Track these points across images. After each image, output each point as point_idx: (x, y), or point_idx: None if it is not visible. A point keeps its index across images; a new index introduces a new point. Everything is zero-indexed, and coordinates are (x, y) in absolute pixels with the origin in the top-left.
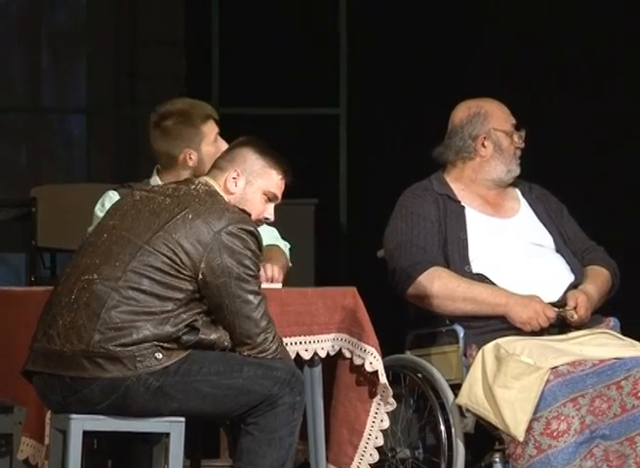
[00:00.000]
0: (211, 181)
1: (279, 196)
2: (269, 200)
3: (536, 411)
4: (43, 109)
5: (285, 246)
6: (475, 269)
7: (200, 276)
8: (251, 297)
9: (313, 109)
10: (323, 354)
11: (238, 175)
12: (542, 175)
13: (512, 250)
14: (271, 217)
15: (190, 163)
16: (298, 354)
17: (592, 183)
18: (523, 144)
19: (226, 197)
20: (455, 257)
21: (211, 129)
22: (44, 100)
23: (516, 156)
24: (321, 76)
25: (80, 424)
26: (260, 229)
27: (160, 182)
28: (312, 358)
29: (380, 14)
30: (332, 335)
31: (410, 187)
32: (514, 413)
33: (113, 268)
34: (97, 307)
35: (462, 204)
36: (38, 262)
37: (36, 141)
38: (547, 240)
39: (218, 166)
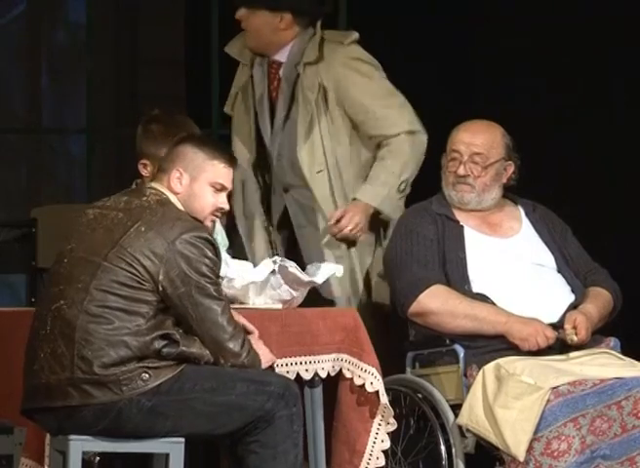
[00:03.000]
0: (159, 187)
1: (228, 185)
2: (218, 191)
3: (536, 431)
4: (43, 129)
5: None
6: (475, 289)
7: (160, 288)
8: (213, 304)
9: None
10: (324, 374)
11: (181, 173)
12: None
13: (512, 269)
14: (226, 207)
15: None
16: (298, 374)
17: (595, 206)
18: (463, 170)
19: (174, 197)
20: (454, 277)
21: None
22: (44, 120)
23: (454, 182)
24: None
25: (79, 445)
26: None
27: None
28: (313, 378)
29: (378, 37)
30: (332, 356)
31: (410, 207)
32: (515, 433)
33: (77, 290)
34: (70, 332)
35: (461, 223)
36: (38, 283)
37: (36, 162)
38: (549, 260)
39: (161, 168)
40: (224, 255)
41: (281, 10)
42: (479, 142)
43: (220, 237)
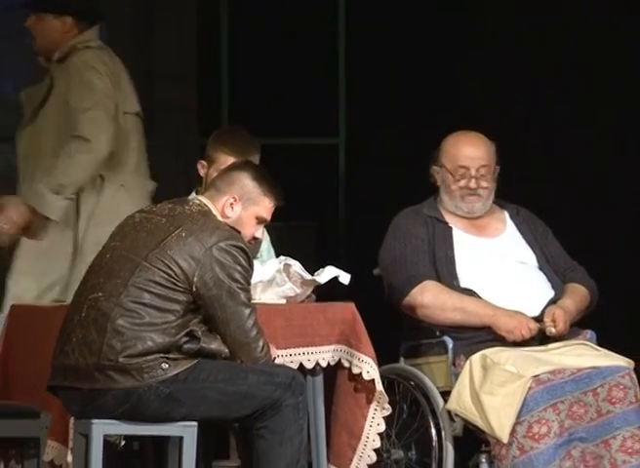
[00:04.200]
0: (205, 201)
1: (268, 219)
2: (259, 223)
3: (519, 416)
4: None
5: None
6: (463, 284)
7: (194, 289)
8: (241, 309)
9: (314, 139)
10: (324, 364)
11: (235, 200)
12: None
13: (497, 267)
14: (260, 237)
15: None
16: (301, 364)
17: (574, 210)
18: (475, 184)
19: (221, 218)
20: (444, 273)
21: (225, 159)
22: None
23: (464, 194)
24: (322, 109)
25: (101, 429)
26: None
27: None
28: (314, 367)
29: (376, 49)
30: (332, 347)
31: (403, 211)
32: (499, 418)
33: (115, 285)
34: (103, 322)
35: (450, 225)
36: None
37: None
38: (531, 258)
39: (216, 187)
40: None
41: (63, 14)
42: (482, 155)
43: (267, 250)
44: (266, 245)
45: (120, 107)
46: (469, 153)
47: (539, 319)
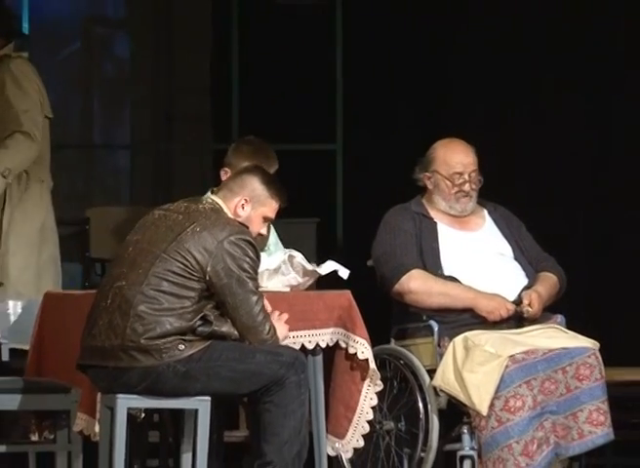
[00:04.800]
0: (217, 200)
1: (273, 218)
2: (265, 221)
3: (497, 391)
4: (94, 145)
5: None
6: (446, 273)
7: (207, 278)
8: (249, 296)
9: (315, 145)
10: (323, 345)
11: (246, 201)
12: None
13: (477, 257)
14: (265, 233)
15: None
16: (303, 345)
17: (547, 207)
18: (468, 187)
19: (233, 216)
20: (429, 263)
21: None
22: (95, 138)
23: (459, 196)
24: (321, 119)
25: (125, 402)
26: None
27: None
28: (314, 348)
29: (370, 63)
30: (330, 330)
31: (392, 208)
32: (479, 393)
33: (137, 274)
34: (126, 308)
35: (435, 220)
36: (91, 270)
37: (89, 172)
38: (507, 250)
39: (229, 188)
40: None
41: None
42: (472, 160)
43: (274, 244)
44: (274, 239)
45: (43, 111)
46: (462, 160)
47: (516, 302)
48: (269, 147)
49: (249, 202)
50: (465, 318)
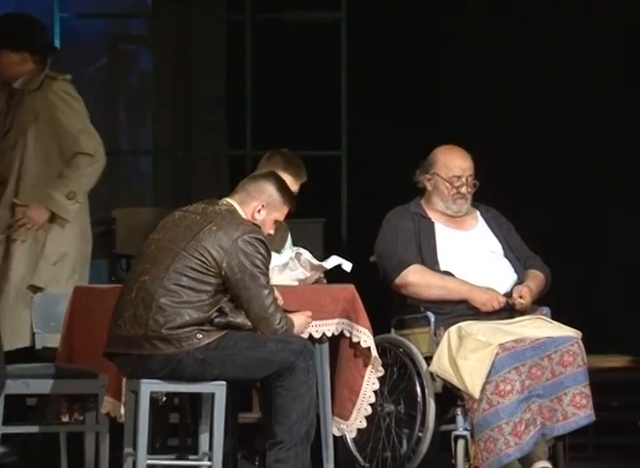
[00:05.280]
0: (232, 202)
1: (282, 220)
2: (275, 223)
3: (488, 377)
4: (120, 151)
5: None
6: (442, 268)
7: (223, 273)
8: (261, 290)
9: (322, 151)
10: (329, 334)
11: (263, 206)
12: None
13: (470, 254)
14: (273, 233)
15: None
16: (310, 334)
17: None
18: (465, 190)
19: (240, 209)
20: (427, 259)
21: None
22: (121, 144)
23: (456, 198)
24: (327, 127)
25: (148, 387)
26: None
27: None
28: (321, 337)
29: (373, 72)
30: (335, 320)
31: (394, 209)
32: (472, 378)
33: (159, 270)
34: (149, 301)
35: (432, 220)
36: (117, 266)
37: (115, 175)
38: (498, 248)
39: (248, 192)
40: None
41: (20, 50)
42: (470, 166)
43: (289, 245)
44: (290, 243)
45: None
46: (461, 165)
47: (507, 295)
48: (300, 160)
49: (265, 207)
50: (460, 309)
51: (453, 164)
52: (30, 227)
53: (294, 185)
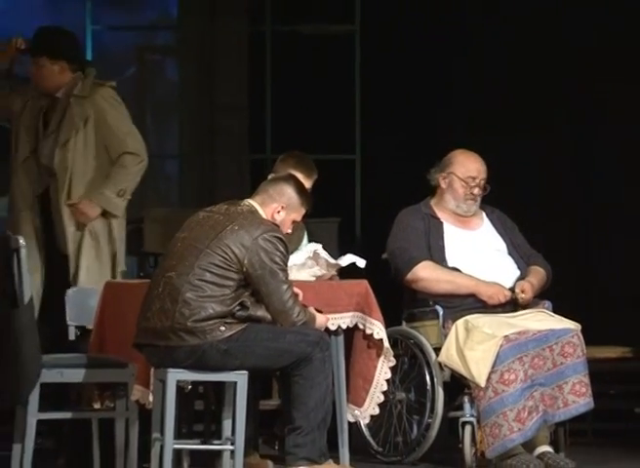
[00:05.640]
0: (253, 203)
1: (299, 220)
2: (293, 223)
3: (493, 366)
4: (148, 155)
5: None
6: (450, 265)
7: (244, 269)
8: (280, 285)
9: (337, 155)
10: (344, 326)
11: (282, 208)
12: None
13: (477, 252)
14: (290, 232)
15: None
16: (327, 327)
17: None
18: (477, 191)
19: (261, 210)
20: (435, 257)
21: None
22: (149, 149)
23: (467, 198)
24: (342, 132)
25: (174, 376)
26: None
27: None
28: (337, 329)
29: (386, 82)
30: (350, 314)
31: (405, 209)
32: (478, 368)
33: (184, 266)
34: (175, 295)
35: (441, 220)
36: (145, 263)
37: (143, 177)
38: (502, 246)
39: (269, 194)
40: None
41: (58, 60)
42: (484, 170)
43: (305, 244)
44: (305, 241)
45: None
46: (478, 167)
47: (511, 289)
48: (310, 160)
49: (285, 208)
50: (467, 303)
51: (470, 165)
52: (83, 221)
53: (306, 182)
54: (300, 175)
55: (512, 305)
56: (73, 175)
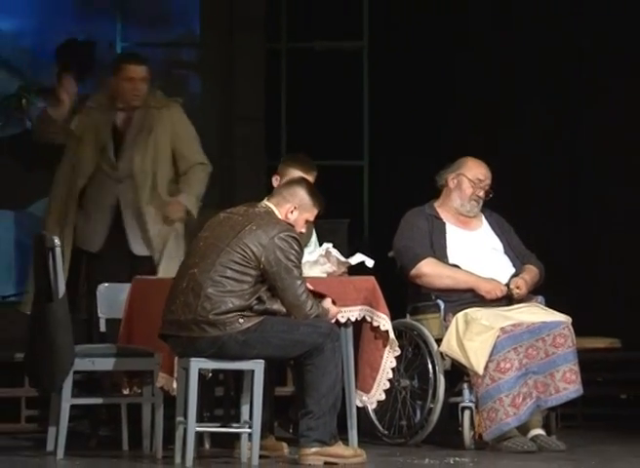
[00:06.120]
0: (270, 205)
1: (312, 220)
2: (306, 223)
3: (490, 356)
4: None
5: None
6: (451, 262)
7: (261, 266)
8: (294, 281)
9: (347, 161)
10: (353, 319)
11: (295, 208)
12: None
13: (476, 251)
14: (304, 231)
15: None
16: (337, 319)
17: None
18: (482, 194)
19: (277, 211)
20: (437, 255)
21: (293, 173)
22: None
23: (472, 199)
24: (350, 139)
25: (196, 364)
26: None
27: None
28: (346, 322)
29: (397, 78)
30: (358, 307)
31: (410, 210)
32: (477, 357)
33: (207, 264)
34: (198, 290)
35: (444, 221)
36: None
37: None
38: (499, 246)
39: (283, 196)
40: None
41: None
42: (490, 176)
43: (314, 243)
44: (314, 239)
45: None
46: (485, 173)
47: (507, 285)
48: (310, 159)
49: (297, 208)
50: (466, 297)
51: (479, 169)
52: (174, 220)
53: (307, 177)
54: (299, 172)
55: (507, 300)
56: (156, 179)
